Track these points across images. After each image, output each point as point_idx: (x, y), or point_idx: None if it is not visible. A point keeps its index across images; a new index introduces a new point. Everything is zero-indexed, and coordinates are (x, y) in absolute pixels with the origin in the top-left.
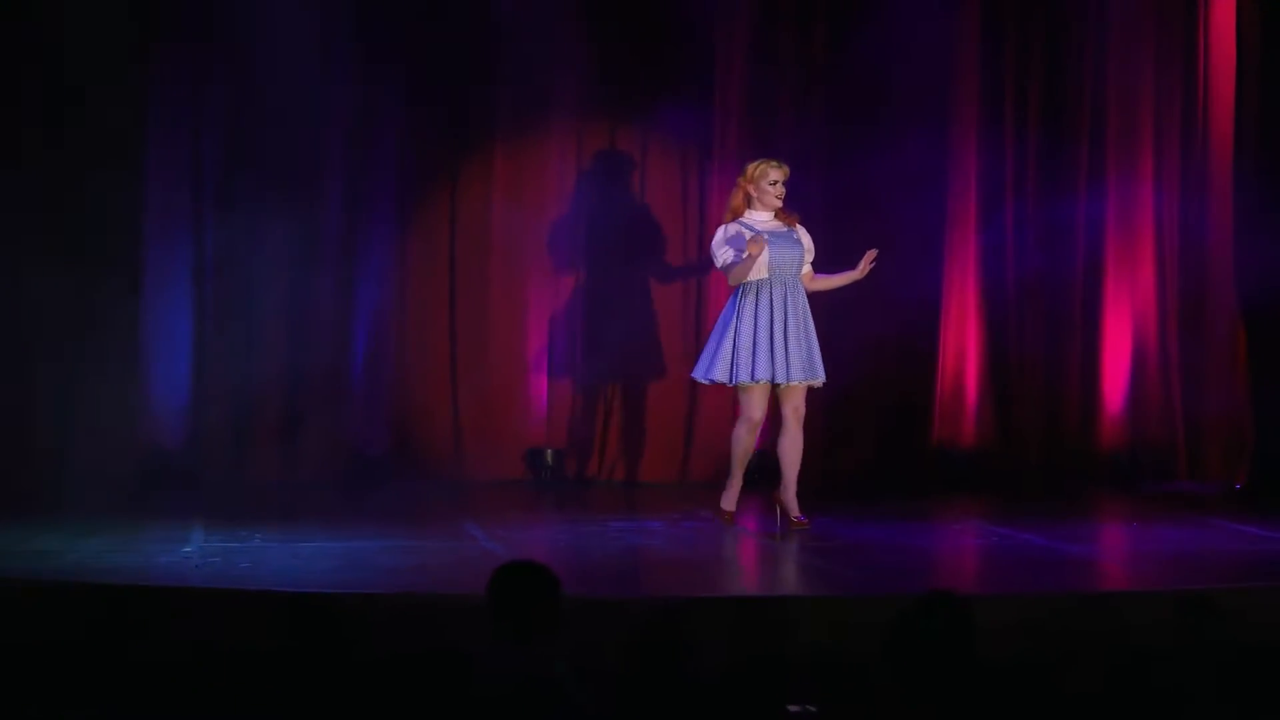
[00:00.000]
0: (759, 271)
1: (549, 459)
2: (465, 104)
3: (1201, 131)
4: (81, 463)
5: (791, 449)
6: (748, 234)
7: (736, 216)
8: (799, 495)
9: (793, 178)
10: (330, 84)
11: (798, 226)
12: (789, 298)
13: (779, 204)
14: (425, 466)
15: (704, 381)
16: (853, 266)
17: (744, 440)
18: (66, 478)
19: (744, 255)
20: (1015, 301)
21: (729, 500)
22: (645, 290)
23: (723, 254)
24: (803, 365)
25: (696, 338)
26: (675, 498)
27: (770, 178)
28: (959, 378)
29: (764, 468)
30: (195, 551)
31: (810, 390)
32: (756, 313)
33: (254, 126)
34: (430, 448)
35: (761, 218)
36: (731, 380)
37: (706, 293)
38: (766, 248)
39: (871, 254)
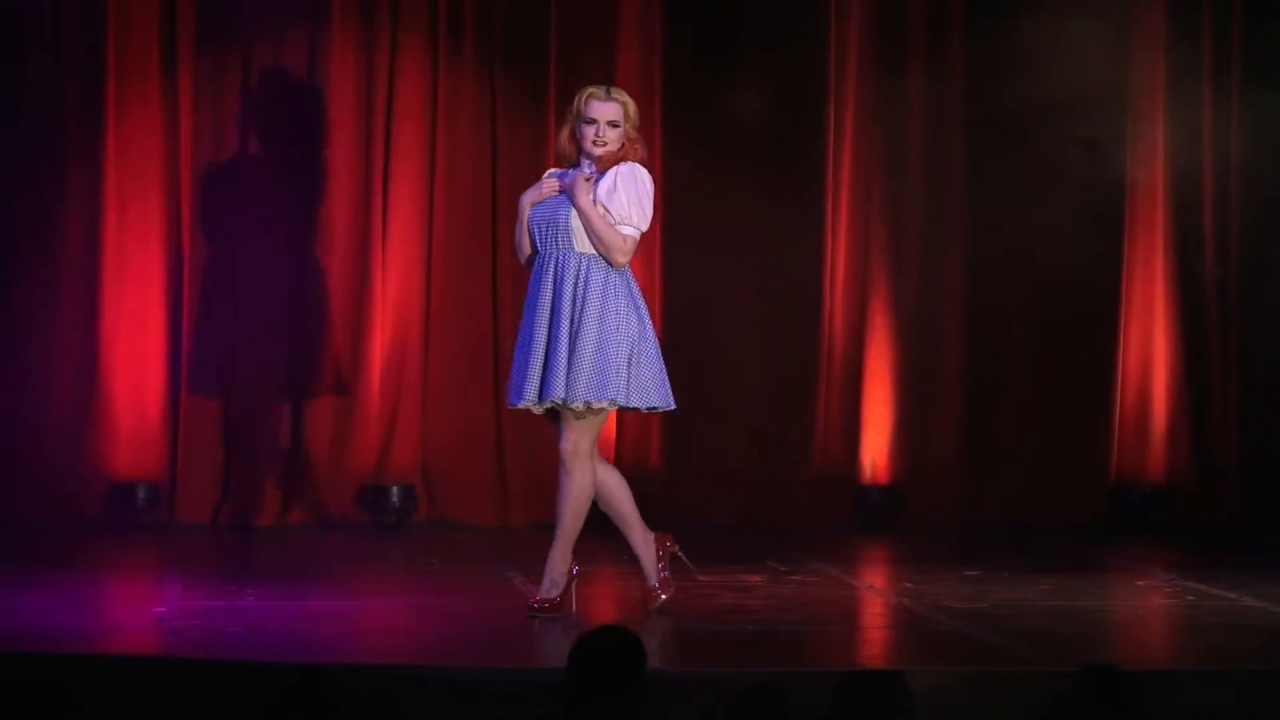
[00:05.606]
0: (525, 246)
1: None
2: None
3: None
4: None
5: (557, 500)
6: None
7: (568, 165)
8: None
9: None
10: None
11: (608, 171)
12: (557, 279)
13: (599, 153)
14: (459, 503)
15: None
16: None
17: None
18: (5, 517)
19: (520, 207)
20: (1215, 290)
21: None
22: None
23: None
24: (557, 378)
25: None
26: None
27: (587, 113)
28: (1143, 395)
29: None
30: (170, 612)
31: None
32: (528, 297)
33: None
34: (466, 483)
35: (592, 171)
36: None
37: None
38: (529, 207)
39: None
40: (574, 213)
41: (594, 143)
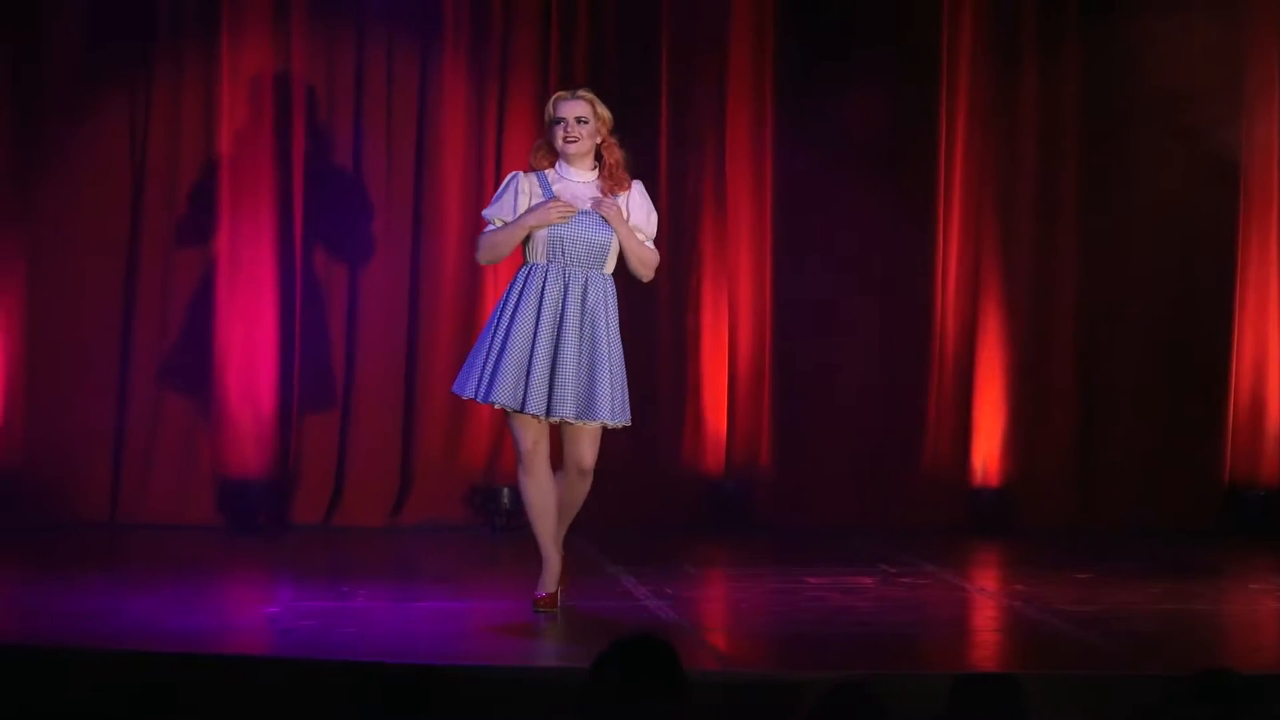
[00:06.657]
0: (535, 252)
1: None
2: None
3: None
4: (145, 500)
5: (565, 495)
6: (526, 193)
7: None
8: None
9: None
10: None
11: (628, 193)
12: (586, 298)
13: (571, 150)
14: None
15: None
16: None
17: (527, 490)
18: (120, 518)
19: (519, 221)
20: None
21: (544, 580)
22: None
23: (490, 211)
24: (576, 398)
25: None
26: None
27: (555, 114)
28: (1257, 395)
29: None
30: (282, 613)
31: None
32: (541, 308)
33: None
34: None
35: (577, 177)
36: (480, 396)
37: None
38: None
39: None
40: (615, 237)
41: (565, 139)
